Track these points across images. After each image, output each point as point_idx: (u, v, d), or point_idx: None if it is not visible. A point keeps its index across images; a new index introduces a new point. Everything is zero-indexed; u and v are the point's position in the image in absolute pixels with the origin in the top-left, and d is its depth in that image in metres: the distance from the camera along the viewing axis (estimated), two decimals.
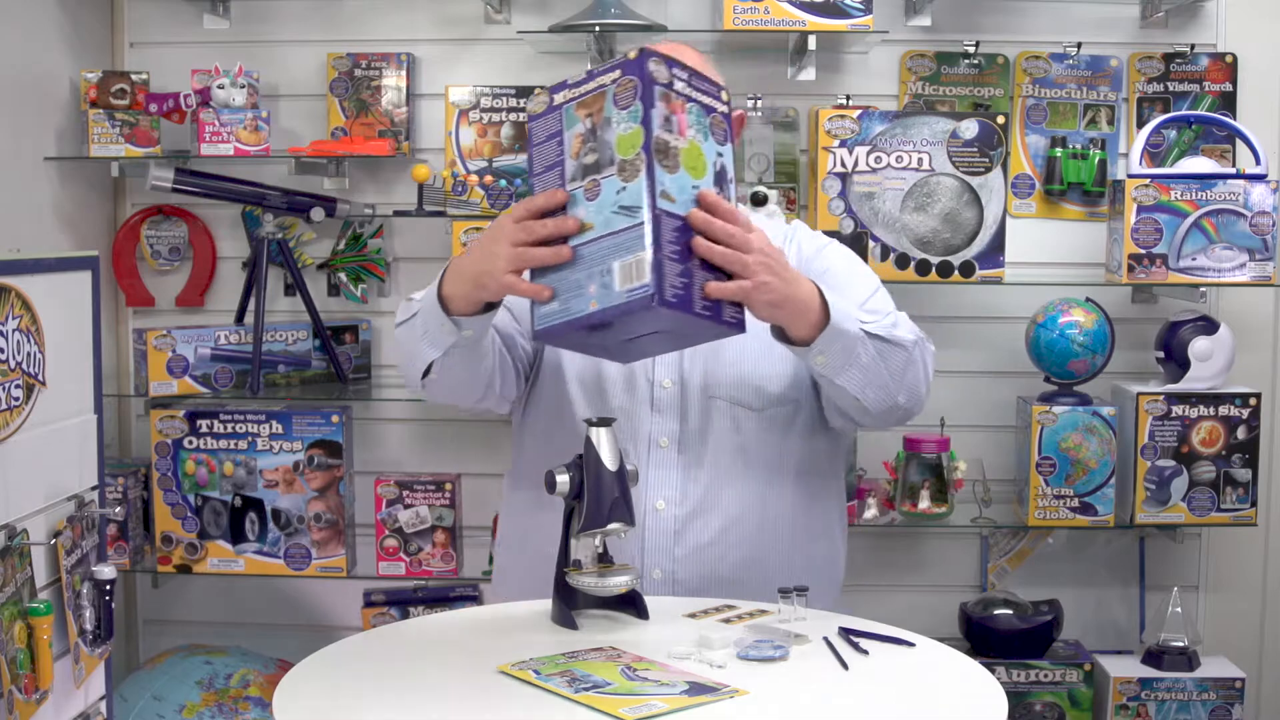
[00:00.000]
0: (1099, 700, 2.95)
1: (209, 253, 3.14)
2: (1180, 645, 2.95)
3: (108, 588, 2.00)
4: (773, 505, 2.08)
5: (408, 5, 3.11)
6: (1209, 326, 2.89)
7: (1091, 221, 3.05)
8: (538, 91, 1.77)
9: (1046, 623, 2.96)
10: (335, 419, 2.94)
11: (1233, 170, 2.86)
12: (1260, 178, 2.80)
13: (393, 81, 3.05)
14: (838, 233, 2.82)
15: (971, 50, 3.05)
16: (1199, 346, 2.87)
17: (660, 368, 2.08)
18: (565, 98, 1.73)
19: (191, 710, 2.80)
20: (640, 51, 1.66)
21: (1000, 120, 2.83)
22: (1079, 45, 3.04)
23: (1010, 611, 2.97)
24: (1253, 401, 2.87)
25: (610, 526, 1.77)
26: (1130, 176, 2.82)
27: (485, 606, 1.97)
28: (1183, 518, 2.89)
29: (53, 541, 1.90)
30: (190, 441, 2.95)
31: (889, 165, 2.83)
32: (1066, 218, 3.07)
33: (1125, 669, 2.95)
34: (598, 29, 2.82)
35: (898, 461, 2.97)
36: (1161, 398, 2.87)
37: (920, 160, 2.82)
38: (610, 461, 1.78)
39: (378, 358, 3.15)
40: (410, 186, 3.01)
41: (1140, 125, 2.99)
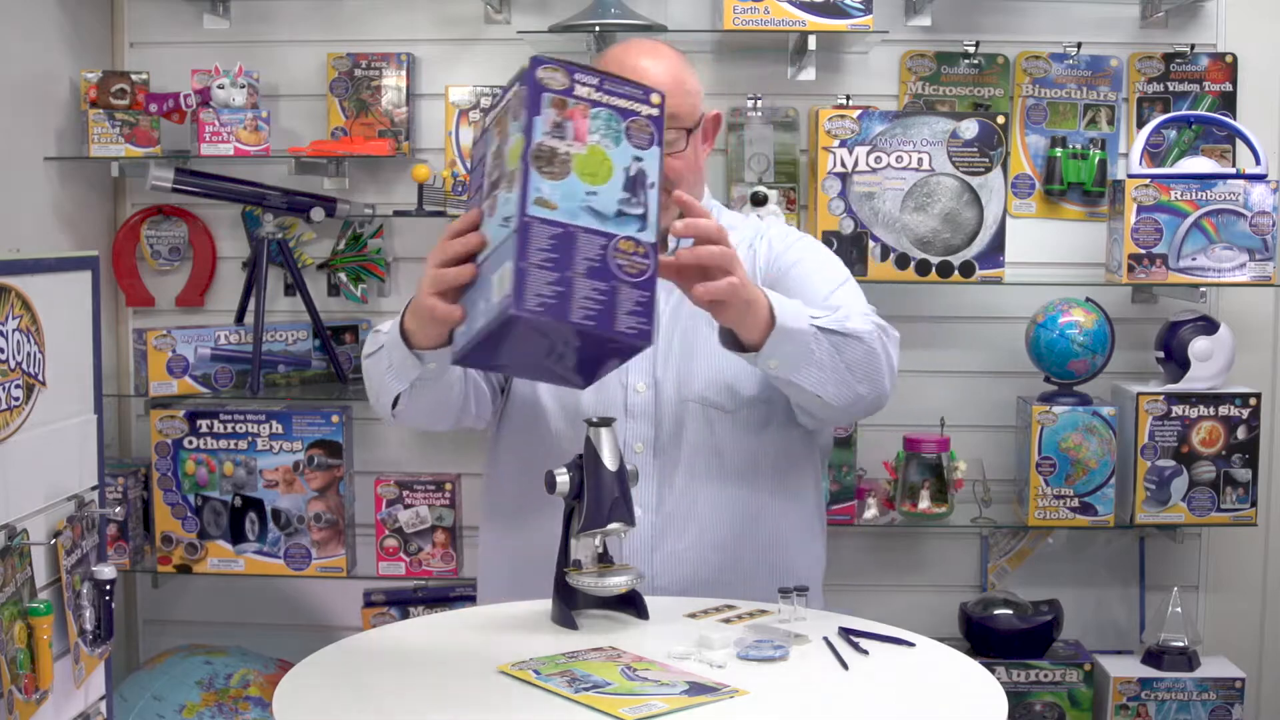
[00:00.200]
0: (1099, 700, 2.95)
1: (209, 253, 3.14)
2: (1180, 645, 2.95)
3: (108, 588, 2.00)
4: (749, 506, 2.07)
5: (408, 5, 3.11)
6: (1209, 326, 2.89)
7: (1091, 221, 3.05)
8: (478, 115, 1.77)
9: (1046, 623, 2.96)
10: (335, 419, 2.94)
11: (1233, 170, 2.86)
12: (1260, 178, 2.80)
13: (393, 81, 3.05)
14: (838, 233, 2.83)
15: (971, 50, 3.05)
16: (1199, 346, 2.87)
17: (634, 372, 2.06)
18: (489, 119, 1.75)
19: (191, 710, 2.80)
20: (531, 60, 1.65)
21: (1000, 120, 2.83)
22: (1079, 45, 3.04)
23: (1010, 611, 2.97)
24: (1253, 401, 2.87)
25: (610, 526, 1.78)
26: (1130, 176, 2.82)
27: (485, 606, 1.97)
28: (1183, 518, 2.89)
29: (53, 541, 1.90)
30: (190, 441, 2.95)
31: (889, 165, 2.82)
32: (1066, 218, 3.07)
33: (1125, 669, 2.95)
34: (598, 29, 2.82)
35: (898, 461, 2.96)
36: (1161, 398, 2.86)
37: (920, 160, 2.82)
38: (610, 461, 1.79)
39: None
40: (410, 186, 3.01)
41: (1140, 125, 2.99)
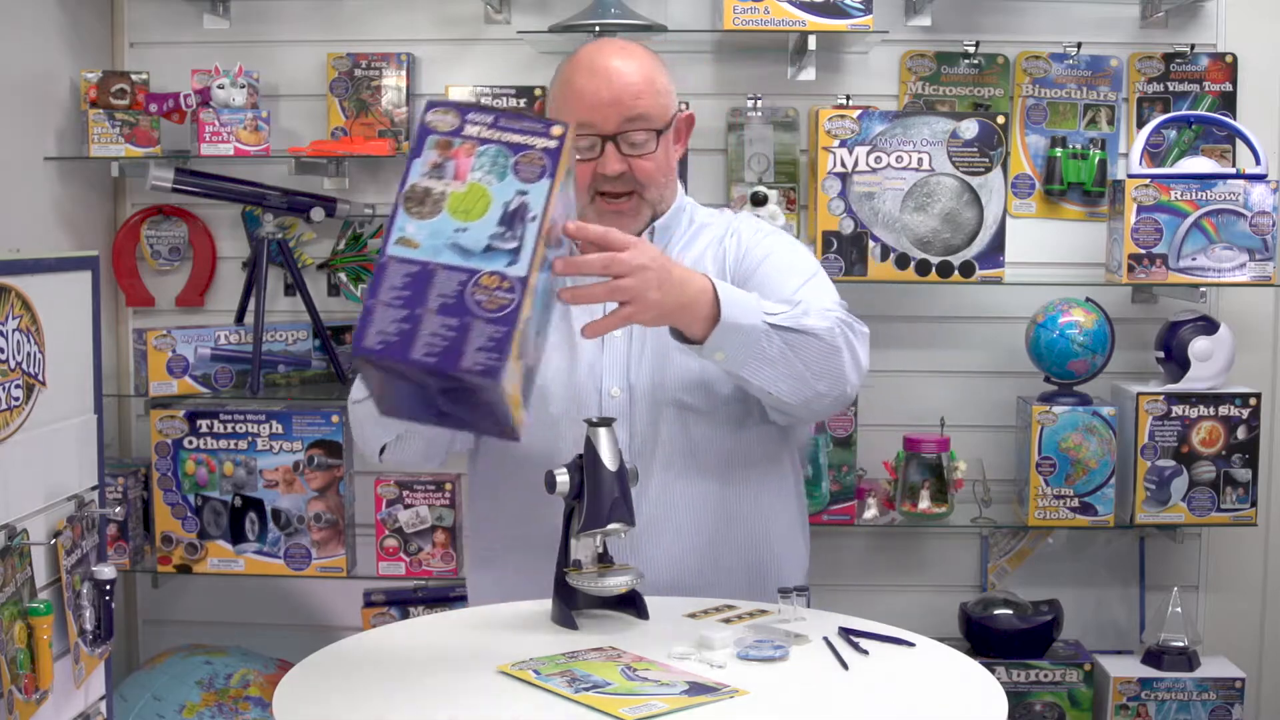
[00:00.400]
0: (1099, 700, 2.95)
1: (209, 253, 3.14)
2: (1180, 645, 2.95)
3: (108, 588, 2.00)
4: (727, 506, 2.06)
5: (408, 5, 3.11)
6: (1209, 326, 2.89)
7: (1091, 221, 3.05)
8: None
9: (1046, 623, 2.96)
10: (335, 419, 2.94)
11: (1233, 170, 2.85)
12: (1260, 178, 2.80)
13: (393, 81, 3.05)
14: (838, 233, 2.83)
15: (971, 50, 3.05)
16: (1199, 346, 2.87)
17: (608, 376, 2.05)
18: None
19: (191, 710, 2.80)
20: (426, 105, 1.66)
21: (1000, 120, 2.82)
22: (1079, 45, 3.04)
23: (1010, 611, 2.97)
24: (1253, 401, 2.87)
25: (610, 526, 1.77)
26: (1130, 176, 2.82)
27: (485, 606, 1.96)
28: (1183, 518, 2.89)
29: (53, 541, 1.90)
30: (190, 441, 2.95)
31: (889, 165, 2.82)
32: (1066, 218, 3.07)
33: (1125, 669, 2.95)
34: (598, 29, 2.82)
35: (898, 461, 2.96)
36: (1161, 398, 2.86)
37: (920, 160, 2.82)
38: (610, 461, 1.79)
39: None
40: None
41: (1140, 125, 2.99)
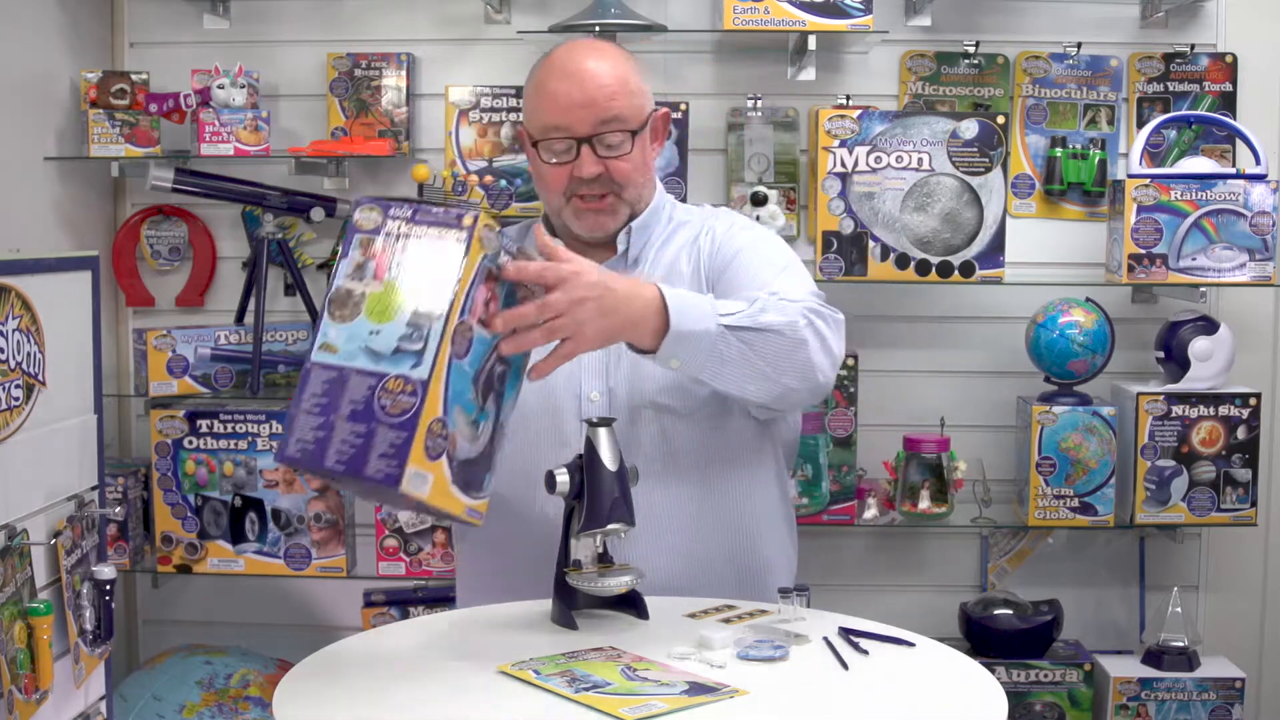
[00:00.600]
0: (1099, 700, 2.95)
1: (209, 253, 3.14)
2: (1180, 645, 2.95)
3: (108, 588, 2.00)
4: (708, 506, 2.05)
5: (408, 5, 3.11)
6: (1209, 326, 2.89)
7: (1091, 221, 3.05)
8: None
9: (1046, 623, 2.95)
10: None
11: (1233, 170, 2.85)
12: (1260, 178, 2.80)
13: (393, 81, 3.05)
14: (838, 233, 2.83)
15: (971, 50, 3.04)
16: (1199, 346, 2.87)
17: (587, 380, 2.03)
18: None
19: (191, 710, 2.80)
20: (354, 202, 1.64)
21: (1000, 120, 2.82)
22: (1079, 45, 3.03)
23: (1010, 611, 2.97)
24: (1253, 401, 2.87)
25: (610, 526, 1.77)
26: (1130, 176, 2.82)
27: (485, 606, 1.96)
28: (1183, 518, 2.89)
29: (53, 541, 1.90)
30: (190, 441, 2.95)
31: (889, 165, 2.82)
32: (1066, 218, 3.07)
33: (1125, 669, 2.95)
34: (598, 29, 2.81)
35: (898, 461, 2.96)
36: (1161, 398, 2.86)
37: (920, 160, 2.82)
38: (610, 461, 1.78)
39: None
40: (410, 186, 3.01)
41: (1140, 125, 2.98)
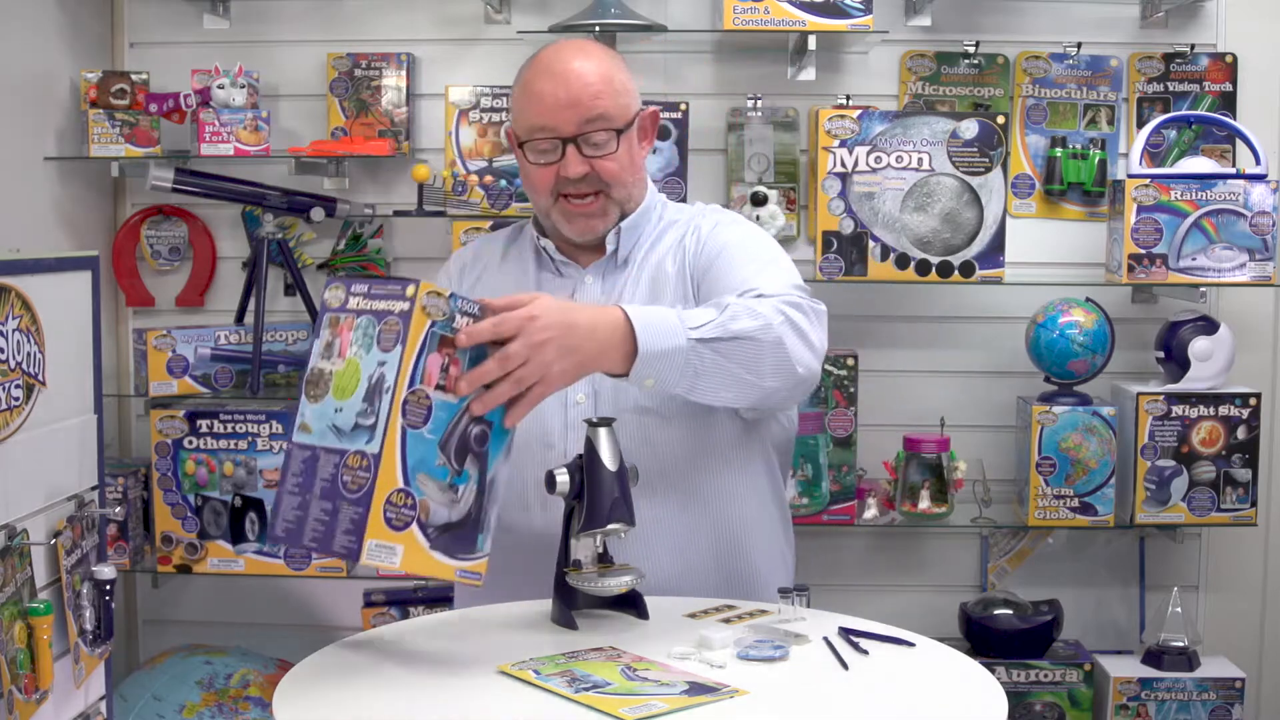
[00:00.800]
0: (1099, 700, 2.95)
1: (209, 253, 3.14)
2: (1180, 645, 2.95)
3: (108, 588, 2.00)
4: (694, 509, 2.03)
5: (408, 5, 3.11)
6: (1209, 326, 2.89)
7: (1091, 221, 3.05)
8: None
9: (1046, 623, 2.96)
10: None
11: (1233, 170, 2.86)
12: (1260, 178, 2.80)
13: (393, 81, 3.05)
14: (838, 233, 2.83)
15: (971, 50, 3.04)
16: (1199, 346, 2.87)
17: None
18: None
19: (191, 710, 2.80)
20: (326, 282, 1.65)
21: (1000, 120, 2.83)
22: (1079, 45, 3.04)
23: (1010, 611, 2.97)
24: (1253, 401, 2.87)
25: (610, 526, 1.77)
26: (1130, 176, 2.82)
27: (485, 606, 1.96)
28: (1183, 518, 2.89)
29: (53, 541, 1.89)
30: (190, 441, 2.95)
31: (889, 165, 2.82)
32: (1066, 218, 3.07)
33: (1125, 669, 2.95)
34: (598, 29, 2.82)
35: (898, 461, 2.96)
36: (1161, 398, 2.86)
37: (920, 160, 2.82)
38: (610, 461, 1.78)
39: None
40: (410, 186, 3.01)
41: (1140, 125, 2.99)
